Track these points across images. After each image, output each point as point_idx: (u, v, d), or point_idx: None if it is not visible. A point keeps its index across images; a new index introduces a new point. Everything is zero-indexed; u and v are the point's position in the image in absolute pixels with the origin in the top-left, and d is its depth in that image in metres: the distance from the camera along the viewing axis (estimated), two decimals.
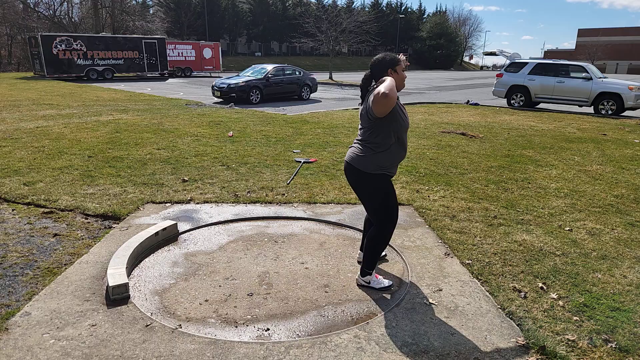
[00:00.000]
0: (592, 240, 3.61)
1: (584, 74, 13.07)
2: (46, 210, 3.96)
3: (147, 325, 2.34)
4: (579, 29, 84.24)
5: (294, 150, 6.73)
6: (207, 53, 31.78)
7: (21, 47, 35.52)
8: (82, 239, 3.42)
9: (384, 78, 2.46)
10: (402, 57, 2.68)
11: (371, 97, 2.45)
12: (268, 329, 2.36)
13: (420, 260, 3.17)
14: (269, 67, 15.09)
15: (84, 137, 7.33)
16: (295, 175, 5.32)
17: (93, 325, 2.32)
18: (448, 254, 3.28)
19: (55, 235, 3.47)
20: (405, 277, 2.95)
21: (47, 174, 5.09)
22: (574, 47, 78.09)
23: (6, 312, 2.42)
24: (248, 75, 14.90)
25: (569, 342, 2.28)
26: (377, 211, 2.66)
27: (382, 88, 2.33)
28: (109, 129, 8.26)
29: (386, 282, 2.80)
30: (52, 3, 38.64)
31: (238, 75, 15.45)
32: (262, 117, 10.57)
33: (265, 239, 3.52)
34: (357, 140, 2.67)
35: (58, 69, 23.70)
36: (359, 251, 3.17)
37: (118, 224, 3.72)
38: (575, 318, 2.50)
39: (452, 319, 2.48)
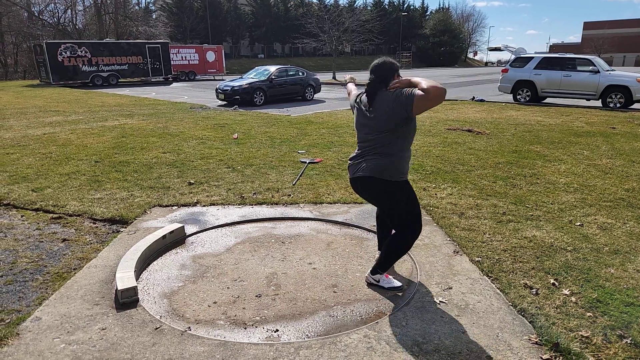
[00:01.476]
0: (604, 235, 3.55)
1: (590, 67, 12.91)
2: (55, 215, 3.99)
3: (157, 328, 2.34)
4: (584, 22, 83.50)
5: (299, 151, 6.72)
6: (211, 56, 31.90)
7: (27, 55, 35.92)
8: (91, 243, 3.44)
9: (403, 79, 2.41)
10: (348, 77, 3.16)
11: (410, 98, 2.28)
12: (277, 330, 2.35)
13: (429, 259, 3.15)
14: (272, 68, 15.11)
15: (91, 143, 7.39)
16: (300, 175, 5.31)
17: (103, 329, 2.32)
18: (457, 252, 3.25)
19: (64, 240, 3.49)
20: (414, 276, 2.92)
21: (55, 179, 5.13)
22: (579, 41, 77.37)
23: (17, 317, 2.44)
24: (251, 77, 14.94)
25: (583, 339, 2.25)
26: (403, 218, 2.58)
27: (429, 82, 2.24)
28: (115, 134, 8.32)
29: (396, 283, 2.77)
30: (56, 11, 39.11)
31: (241, 78, 15.50)
32: (266, 118, 10.59)
33: (272, 240, 3.51)
34: (369, 151, 2.51)
35: (63, 76, 23.93)
36: (379, 251, 3.07)
37: (126, 227, 3.73)
38: (588, 314, 2.47)
39: (463, 317, 2.45)
